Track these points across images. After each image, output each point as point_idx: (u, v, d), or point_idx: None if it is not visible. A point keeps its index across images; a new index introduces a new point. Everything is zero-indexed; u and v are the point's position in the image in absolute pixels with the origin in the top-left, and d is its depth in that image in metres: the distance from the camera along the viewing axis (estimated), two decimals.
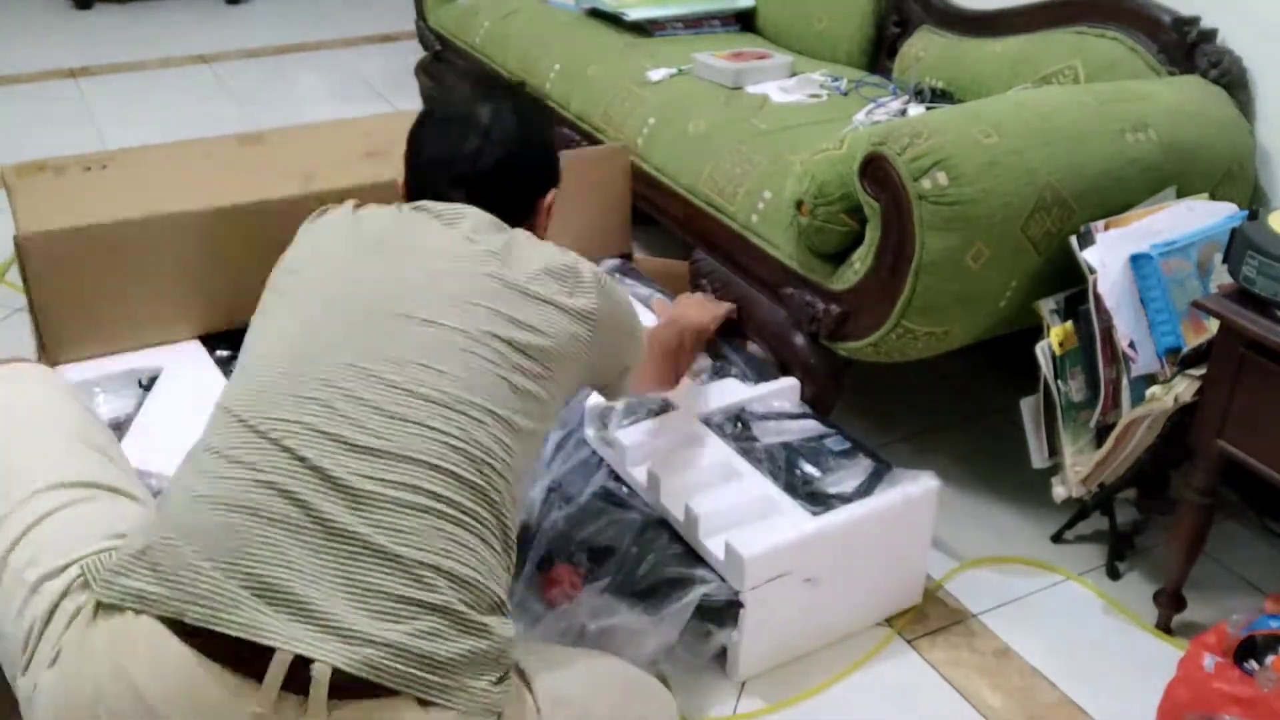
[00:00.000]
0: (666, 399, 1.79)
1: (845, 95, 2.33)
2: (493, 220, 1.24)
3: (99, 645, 0.98)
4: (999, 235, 1.65)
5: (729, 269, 2.09)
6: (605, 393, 1.45)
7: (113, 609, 0.99)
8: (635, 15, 2.74)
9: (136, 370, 1.78)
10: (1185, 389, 1.58)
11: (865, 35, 2.57)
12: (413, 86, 3.64)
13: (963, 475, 2.03)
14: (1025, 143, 1.67)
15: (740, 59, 2.43)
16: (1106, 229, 1.69)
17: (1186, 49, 1.98)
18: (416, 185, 1.32)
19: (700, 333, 1.87)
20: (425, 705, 0.97)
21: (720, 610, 1.52)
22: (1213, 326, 1.56)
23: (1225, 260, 1.52)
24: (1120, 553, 1.83)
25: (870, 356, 1.82)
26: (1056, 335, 1.73)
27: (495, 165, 1.29)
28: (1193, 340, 1.64)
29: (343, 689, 0.95)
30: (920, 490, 1.63)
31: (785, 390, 1.85)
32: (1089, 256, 1.67)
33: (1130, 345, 1.67)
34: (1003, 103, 1.82)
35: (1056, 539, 1.89)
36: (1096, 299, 1.67)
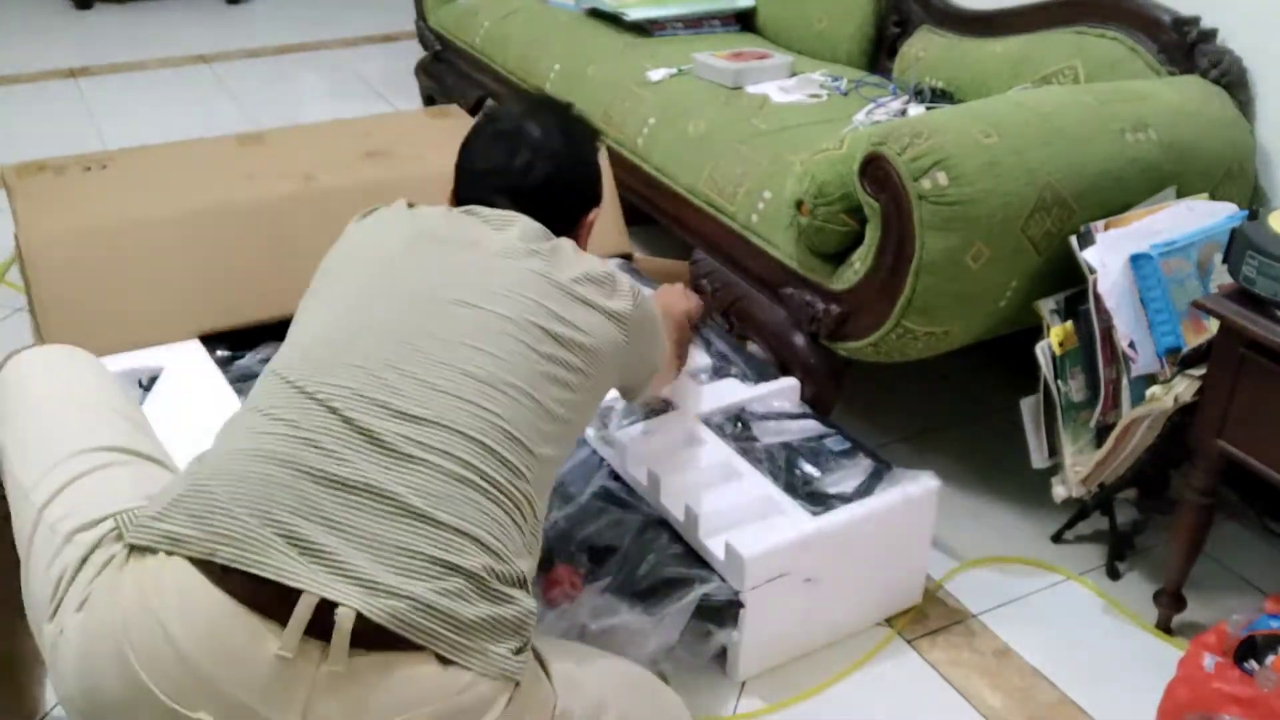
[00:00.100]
0: (666, 399, 1.79)
1: (845, 95, 2.33)
2: (541, 228, 1.29)
3: (128, 586, 0.99)
4: (999, 235, 1.65)
5: (729, 269, 2.09)
6: (628, 394, 1.49)
7: (144, 553, 1.00)
8: (635, 15, 2.74)
9: (136, 370, 1.78)
10: (1185, 389, 1.58)
11: (865, 35, 2.57)
12: (413, 86, 3.64)
13: (963, 475, 2.03)
14: (1025, 143, 1.67)
15: (740, 59, 2.43)
16: (1106, 229, 1.69)
17: (1186, 49, 1.98)
18: (466, 194, 1.36)
19: (690, 318, 1.88)
20: (445, 664, 0.99)
21: (720, 610, 1.52)
22: (1213, 326, 1.56)
23: (1225, 260, 1.52)
24: (1120, 553, 1.83)
25: (870, 356, 1.82)
26: (1056, 335, 1.73)
27: (544, 179, 1.34)
28: (1193, 340, 1.64)
29: (365, 638, 0.96)
30: (920, 490, 1.63)
31: (785, 390, 1.85)
32: (1089, 256, 1.67)
33: (1130, 345, 1.67)
34: (1003, 103, 1.82)
35: (1056, 539, 1.89)
36: (1096, 299, 1.67)
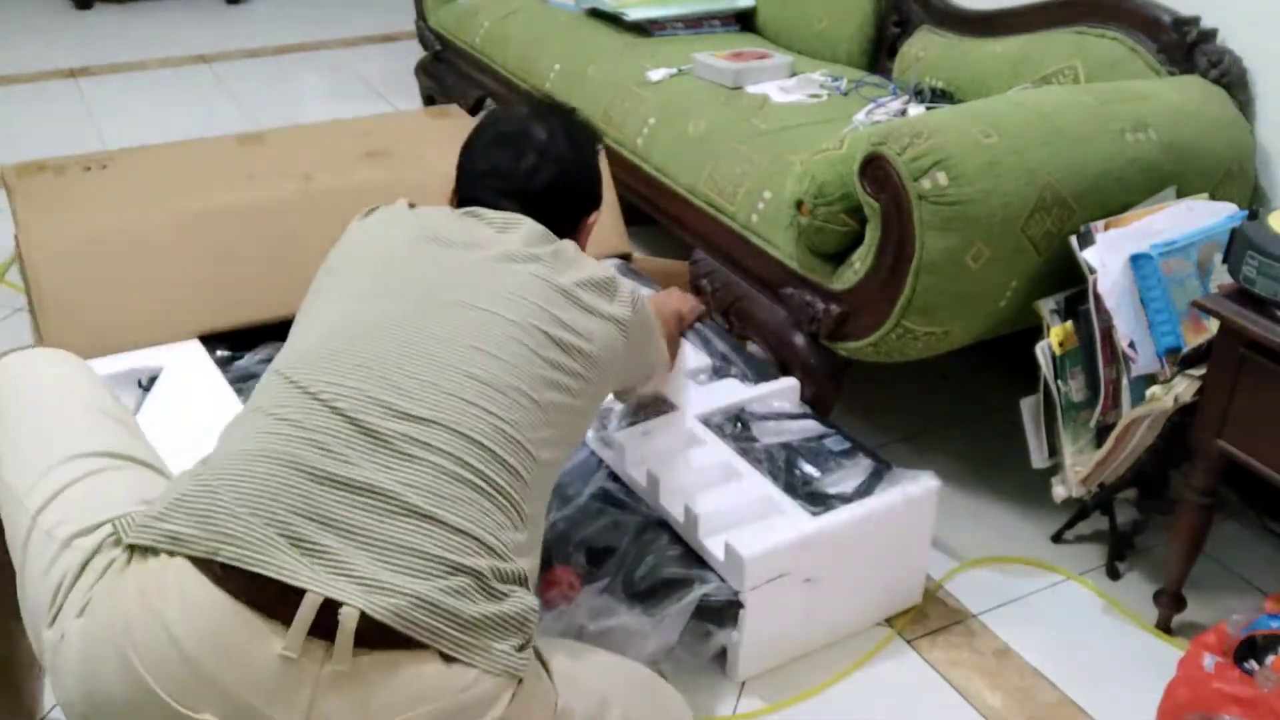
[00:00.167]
0: (667, 400, 1.79)
1: (845, 95, 2.33)
2: (544, 231, 1.29)
3: (130, 588, 0.99)
4: (999, 235, 1.65)
5: (729, 269, 2.09)
6: (622, 395, 1.51)
7: (146, 554, 1.00)
8: (635, 15, 2.74)
9: (136, 370, 1.78)
10: (1185, 389, 1.58)
11: (865, 35, 2.57)
12: (413, 86, 3.64)
13: (963, 475, 2.02)
14: (1025, 143, 1.67)
15: (740, 59, 2.43)
16: (1106, 229, 1.69)
17: (1186, 49, 1.98)
18: (469, 195, 1.37)
19: (679, 319, 1.89)
20: (448, 661, 0.99)
21: (720, 610, 1.52)
22: (1213, 326, 1.56)
23: (1225, 260, 1.52)
24: (1120, 553, 1.83)
25: (870, 356, 1.81)
26: (1056, 335, 1.72)
27: (550, 182, 1.35)
28: (1193, 340, 1.64)
29: (368, 637, 0.96)
30: (920, 490, 1.63)
31: (785, 390, 1.84)
32: (1089, 256, 1.67)
33: (1130, 345, 1.67)
34: (1003, 103, 1.82)
35: (1056, 539, 1.89)
36: (1096, 299, 1.67)
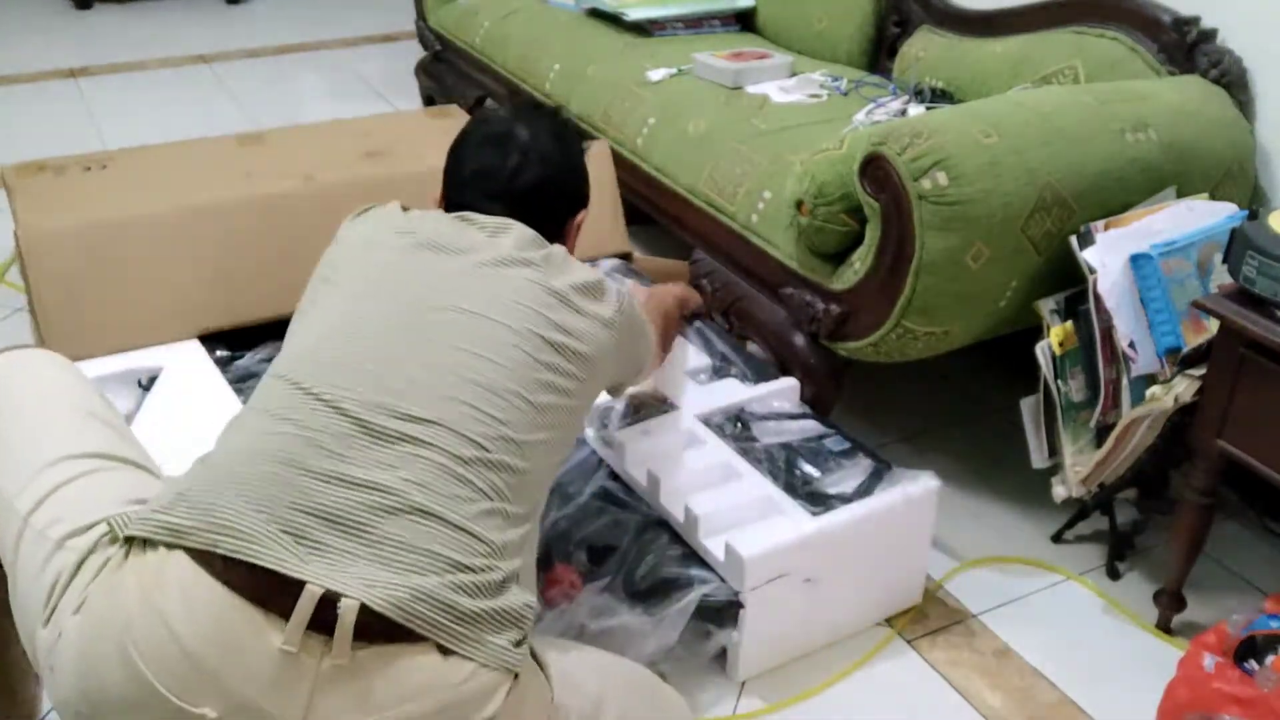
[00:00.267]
0: (667, 399, 1.79)
1: (845, 95, 2.33)
2: (535, 235, 1.30)
3: (130, 583, 0.99)
4: (999, 235, 1.65)
5: (729, 269, 2.09)
6: (614, 391, 1.52)
7: (144, 547, 1.01)
8: (635, 15, 2.74)
9: (136, 370, 1.78)
10: (1185, 389, 1.58)
11: (865, 35, 2.57)
12: (413, 86, 3.64)
13: (963, 475, 2.02)
14: (1025, 143, 1.67)
15: (740, 59, 2.43)
16: (1106, 229, 1.69)
17: (1186, 49, 1.98)
18: (455, 197, 1.37)
19: (681, 303, 1.90)
20: (446, 655, 1.00)
21: (720, 610, 1.52)
22: (1213, 326, 1.56)
23: (1225, 260, 1.52)
24: (1120, 553, 1.83)
25: (870, 356, 1.81)
26: (1056, 335, 1.72)
27: (533, 183, 1.36)
28: (1193, 340, 1.64)
29: (367, 631, 0.97)
30: (920, 490, 1.63)
31: (785, 390, 1.84)
32: (1089, 256, 1.67)
33: (1130, 345, 1.67)
34: (1003, 103, 1.82)
35: (1056, 539, 1.89)
36: (1096, 299, 1.67)
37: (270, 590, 0.97)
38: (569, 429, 1.25)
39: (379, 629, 0.97)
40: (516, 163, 1.35)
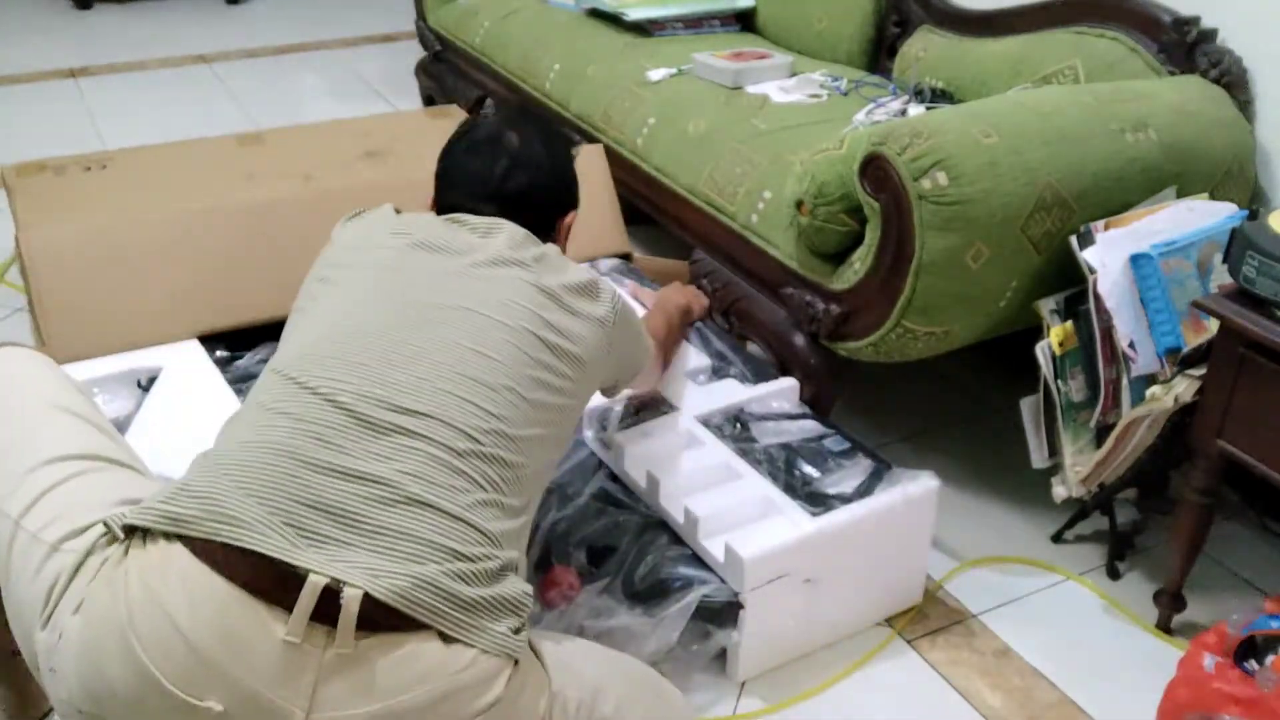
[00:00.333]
0: (667, 400, 1.79)
1: (845, 95, 2.33)
2: (526, 234, 1.32)
3: (132, 579, 1.00)
4: (999, 235, 1.65)
5: (729, 269, 2.09)
6: (609, 392, 1.53)
7: (144, 542, 1.01)
8: (635, 15, 2.74)
9: (135, 371, 1.78)
10: (1185, 389, 1.58)
11: (865, 35, 2.57)
12: (413, 86, 3.64)
13: (963, 475, 2.02)
14: (1025, 143, 1.67)
15: (740, 59, 2.43)
16: (1106, 229, 1.69)
17: (1186, 49, 1.98)
18: (447, 201, 1.39)
19: (686, 312, 1.90)
20: (448, 642, 1.01)
21: (720, 611, 1.52)
22: (1213, 326, 1.56)
23: (1225, 260, 1.52)
24: (1120, 553, 1.83)
25: (870, 356, 1.81)
26: (1056, 335, 1.72)
27: (523, 186, 1.38)
28: (1193, 340, 1.64)
29: (369, 620, 0.98)
30: (920, 490, 1.63)
31: (784, 390, 1.84)
32: (1089, 256, 1.67)
33: (1130, 345, 1.67)
34: (1003, 103, 1.82)
35: (1056, 539, 1.89)
36: (1096, 299, 1.67)
37: (272, 582, 0.98)
38: (563, 426, 1.26)
39: (381, 618, 0.98)
40: (505, 167, 1.37)
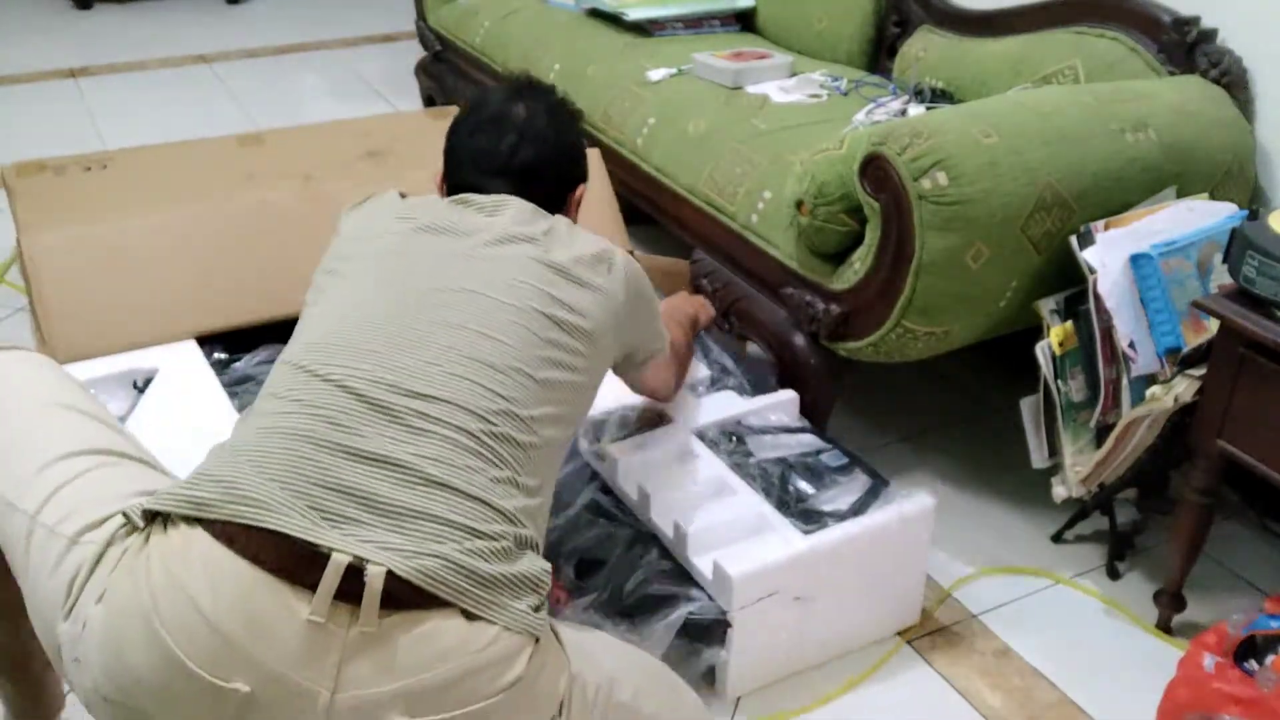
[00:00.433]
0: (662, 411, 1.76)
1: (845, 95, 2.33)
2: (534, 209, 1.32)
3: (154, 565, 1.00)
4: (999, 235, 1.65)
5: (729, 269, 2.09)
6: (629, 371, 1.50)
7: (165, 528, 1.02)
8: (635, 15, 2.74)
9: (132, 372, 1.77)
10: (1185, 389, 1.58)
11: (865, 35, 2.57)
12: (413, 86, 3.64)
13: (963, 475, 2.02)
14: (1025, 143, 1.67)
15: (740, 59, 2.43)
16: (1106, 229, 1.69)
17: (1186, 49, 1.98)
18: (456, 179, 1.39)
19: (694, 322, 1.88)
20: (470, 619, 1.01)
21: (708, 629, 1.50)
22: (1213, 326, 1.56)
23: (1225, 260, 1.52)
24: (1120, 553, 1.83)
25: (870, 356, 1.81)
26: (1056, 335, 1.72)
27: (531, 160, 1.37)
28: (1193, 340, 1.64)
29: (392, 598, 0.98)
30: (916, 509, 1.59)
31: (784, 403, 1.81)
32: (1089, 256, 1.67)
33: (1130, 345, 1.67)
34: (1003, 103, 1.82)
35: (1056, 539, 1.89)
36: (1096, 299, 1.67)
37: (294, 562, 0.98)
38: (576, 405, 1.26)
39: (404, 596, 0.98)
40: (514, 142, 1.36)
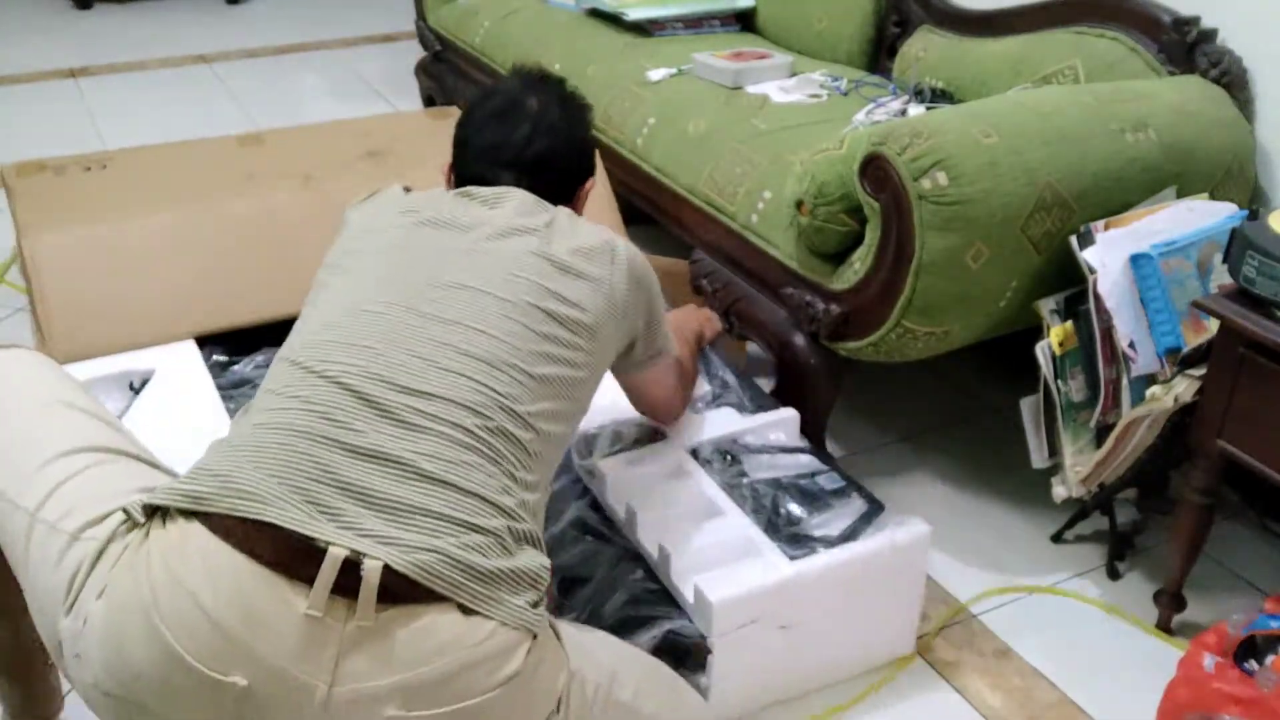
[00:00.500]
0: (656, 428, 1.71)
1: (845, 95, 2.33)
2: (536, 200, 1.32)
3: (154, 559, 1.00)
4: (999, 235, 1.65)
5: (729, 269, 2.09)
6: (630, 372, 1.47)
7: (164, 523, 1.02)
8: (635, 15, 2.74)
9: (129, 373, 1.76)
10: (1185, 389, 1.58)
11: (865, 35, 2.57)
12: (413, 86, 3.64)
13: (963, 475, 2.02)
14: (1025, 143, 1.67)
15: (740, 59, 2.43)
16: (1106, 229, 1.69)
17: (1186, 49, 1.98)
18: (464, 170, 1.39)
19: (699, 338, 1.87)
20: (467, 614, 1.01)
21: (689, 652, 1.45)
22: (1213, 326, 1.56)
23: (1225, 260, 1.52)
24: (1120, 553, 1.83)
25: (870, 356, 1.81)
26: (1056, 335, 1.72)
27: (542, 153, 1.37)
28: (1193, 340, 1.64)
29: (389, 592, 0.98)
30: (909, 537, 1.54)
31: (783, 421, 1.76)
32: (1089, 256, 1.67)
33: (1130, 345, 1.67)
34: (1003, 103, 1.82)
35: (1056, 539, 1.89)
36: (1096, 299, 1.67)
37: (292, 557, 0.98)
38: (576, 399, 1.25)
39: (401, 590, 0.99)
40: (526, 134, 1.36)
